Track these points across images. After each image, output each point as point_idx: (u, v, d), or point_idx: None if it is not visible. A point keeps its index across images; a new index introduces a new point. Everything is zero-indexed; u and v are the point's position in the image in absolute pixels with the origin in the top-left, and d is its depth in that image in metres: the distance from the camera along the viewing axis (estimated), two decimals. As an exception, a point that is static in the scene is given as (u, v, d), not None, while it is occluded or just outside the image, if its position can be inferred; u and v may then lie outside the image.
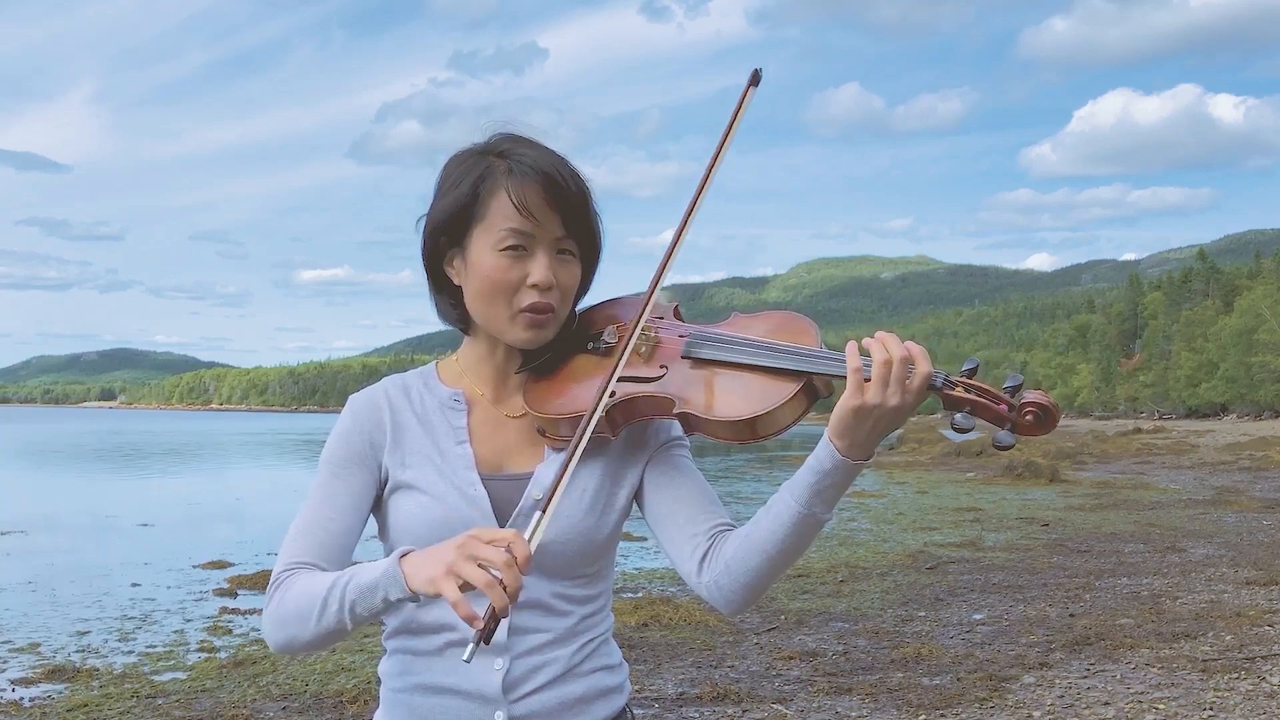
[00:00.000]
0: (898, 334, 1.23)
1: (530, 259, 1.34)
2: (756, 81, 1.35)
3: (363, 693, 5.21)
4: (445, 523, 1.33)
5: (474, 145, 1.40)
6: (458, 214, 1.36)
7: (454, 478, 1.36)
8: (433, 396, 1.43)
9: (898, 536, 11.67)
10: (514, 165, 1.34)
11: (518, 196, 1.32)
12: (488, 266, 1.34)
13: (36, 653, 6.43)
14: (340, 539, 1.36)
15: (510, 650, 1.34)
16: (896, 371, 1.21)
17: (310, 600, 1.27)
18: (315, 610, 1.25)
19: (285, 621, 1.29)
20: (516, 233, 1.32)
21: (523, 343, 1.37)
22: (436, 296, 1.44)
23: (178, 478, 24.91)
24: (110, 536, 12.80)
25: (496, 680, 1.33)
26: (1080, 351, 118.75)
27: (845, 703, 5.09)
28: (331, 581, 1.26)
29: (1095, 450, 31.58)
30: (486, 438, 1.41)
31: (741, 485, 19.65)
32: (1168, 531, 11.80)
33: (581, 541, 1.37)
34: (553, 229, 1.34)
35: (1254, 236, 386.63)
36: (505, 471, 1.39)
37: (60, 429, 68.20)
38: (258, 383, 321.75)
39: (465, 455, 1.38)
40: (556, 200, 1.33)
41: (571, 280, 1.38)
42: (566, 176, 1.35)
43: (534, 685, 1.35)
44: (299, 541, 1.36)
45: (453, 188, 1.37)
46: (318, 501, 1.38)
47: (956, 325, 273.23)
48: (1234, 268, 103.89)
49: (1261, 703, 4.95)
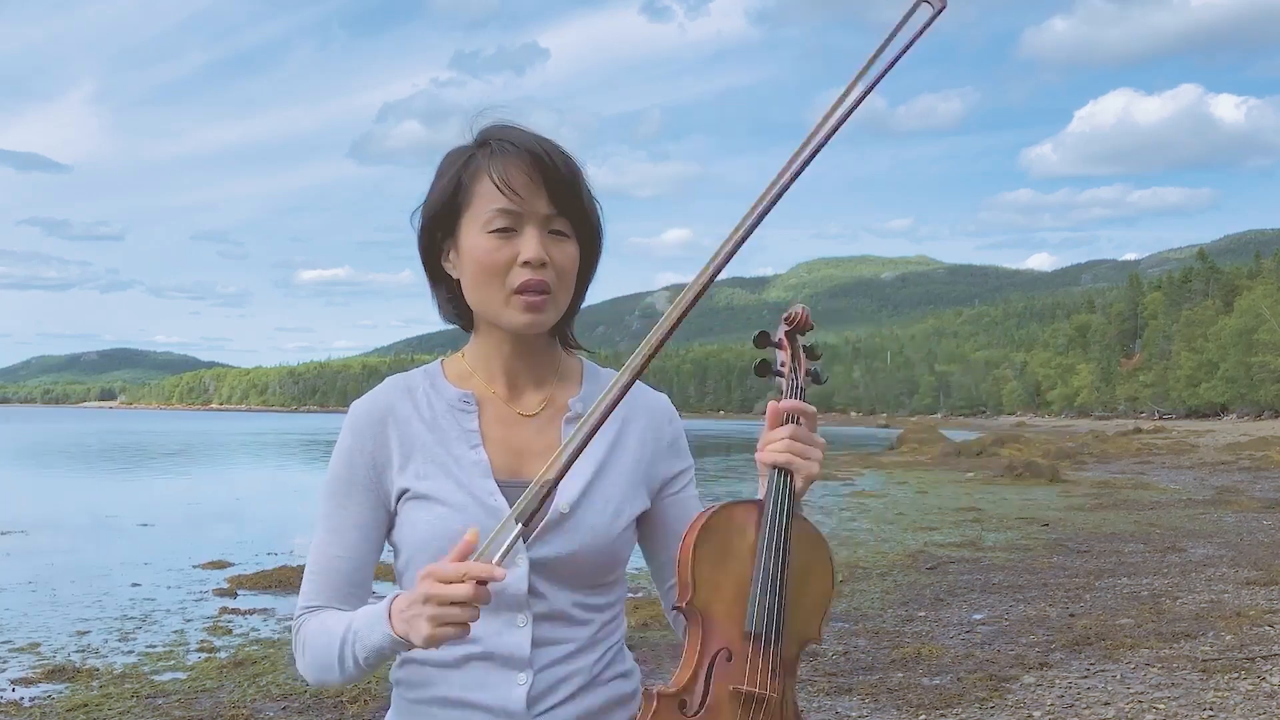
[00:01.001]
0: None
1: (519, 238, 1.30)
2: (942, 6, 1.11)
3: (363, 693, 5.20)
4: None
5: (465, 143, 1.38)
6: (446, 204, 1.34)
7: (471, 487, 1.32)
8: (440, 398, 1.38)
9: (898, 536, 11.68)
10: (496, 147, 1.32)
11: (499, 175, 1.30)
12: (478, 249, 1.31)
13: (36, 653, 6.43)
14: (351, 576, 1.36)
15: (534, 664, 1.31)
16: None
17: (327, 654, 1.29)
18: (334, 665, 1.29)
19: (313, 668, 1.33)
20: (503, 213, 1.30)
21: (521, 326, 1.32)
22: (436, 292, 1.42)
23: (178, 478, 24.91)
24: (110, 536, 12.80)
25: (521, 695, 1.30)
26: (1080, 351, 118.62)
27: (845, 703, 5.09)
28: (341, 638, 1.28)
29: (1095, 450, 31.58)
30: (501, 440, 1.37)
31: (742, 486, 19.63)
32: (1168, 531, 11.80)
33: (607, 553, 1.35)
34: (539, 206, 1.30)
35: (1254, 236, 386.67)
36: (523, 478, 1.33)
37: (60, 429, 68.21)
38: (258, 383, 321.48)
39: (481, 462, 1.34)
40: (541, 176, 1.30)
41: (566, 260, 1.33)
42: (552, 153, 1.32)
43: (559, 698, 1.32)
44: (313, 583, 1.36)
45: (439, 181, 1.36)
46: (325, 537, 1.37)
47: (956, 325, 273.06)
48: (1234, 268, 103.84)
49: (1261, 703, 4.95)
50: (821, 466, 1.30)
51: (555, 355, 1.44)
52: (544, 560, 1.32)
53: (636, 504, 1.40)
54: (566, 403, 1.41)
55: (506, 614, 1.31)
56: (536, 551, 1.32)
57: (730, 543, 1.28)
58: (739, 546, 1.28)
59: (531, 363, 1.40)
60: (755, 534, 1.29)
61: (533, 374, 1.41)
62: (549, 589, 1.32)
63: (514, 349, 1.38)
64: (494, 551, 1.13)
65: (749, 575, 1.27)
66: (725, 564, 1.27)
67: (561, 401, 1.41)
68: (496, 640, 1.31)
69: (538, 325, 1.33)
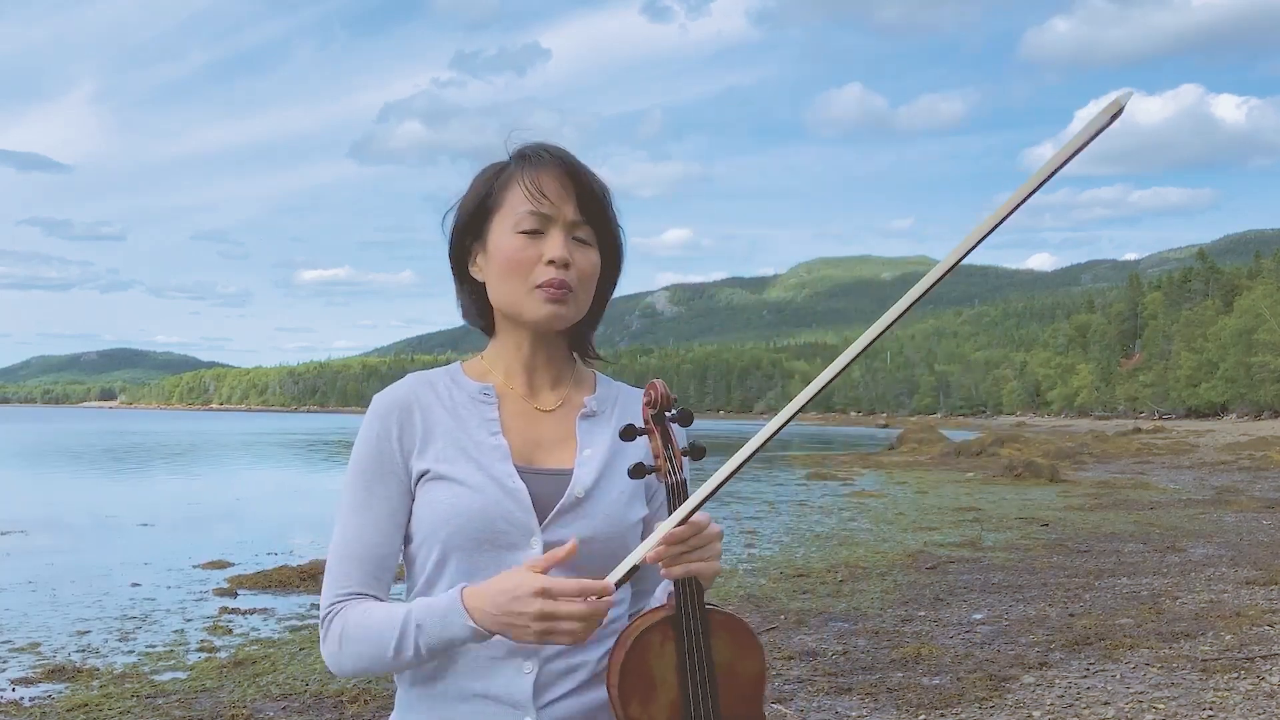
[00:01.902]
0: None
1: (546, 239, 1.36)
2: (1118, 113, 1.08)
3: (363, 693, 5.21)
4: (484, 514, 1.33)
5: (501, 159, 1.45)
6: (477, 209, 1.41)
7: (491, 469, 1.36)
8: (461, 391, 1.43)
9: (898, 536, 11.68)
10: (529, 156, 1.40)
11: (531, 181, 1.37)
12: (506, 248, 1.37)
13: (36, 653, 6.43)
14: (382, 561, 1.37)
15: (540, 654, 1.33)
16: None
17: (379, 644, 1.29)
18: (387, 655, 1.29)
19: (353, 658, 1.32)
20: (533, 215, 1.36)
21: (543, 318, 1.37)
22: (460, 295, 1.47)
23: (178, 478, 24.90)
24: (110, 536, 12.79)
25: (527, 685, 1.32)
26: (1080, 351, 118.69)
27: (845, 703, 5.09)
28: (400, 626, 1.28)
29: (1095, 450, 31.59)
30: (519, 430, 1.41)
31: (741, 485, 19.59)
32: (1167, 531, 11.81)
33: (620, 541, 1.37)
34: (567, 211, 1.37)
35: (1254, 236, 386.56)
36: (538, 465, 1.39)
37: (60, 429, 68.19)
38: (257, 383, 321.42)
39: (501, 447, 1.38)
40: (572, 184, 1.37)
41: (589, 265, 1.39)
42: (582, 168, 1.39)
43: (564, 689, 1.34)
44: (346, 568, 1.36)
45: (472, 189, 1.43)
46: (358, 522, 1.37)
47: (956, 325, 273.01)
48: (1234, 267, 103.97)
49: (1261, 703, 4.95)
50: (719, 555, 1.30)
51: (571, 361, 1.49)
52: (557, 544, 1.32)
53: (638, 505, 1.43)
54: (583, 400, 1.45)
55: None
56: (551, 534, 1.34)
57: (652, 672, 1.29)
58: (662, 671, 1.29)
59: (549, 363, 1.45)
60: (675, 651, 1.29)
61: (550, 374, 1.45)
62: (559, 574, 1.32)
63: (533, 348, 1.43)
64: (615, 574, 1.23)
65: (678, 698, 1.29)
66: (653, 695, 1.28)
67: (577, 400, 1.46)
68: None
69: (559, 318, 1.38)
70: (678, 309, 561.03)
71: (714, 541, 1.28)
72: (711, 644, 1.31)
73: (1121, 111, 1.07)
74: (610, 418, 1.45)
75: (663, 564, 1.26)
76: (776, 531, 12.42)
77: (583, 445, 1.41)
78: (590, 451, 1.40)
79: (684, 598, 1.29)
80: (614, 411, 1.46)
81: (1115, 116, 1.06)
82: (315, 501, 17.71)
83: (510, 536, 1.33)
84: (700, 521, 1.27)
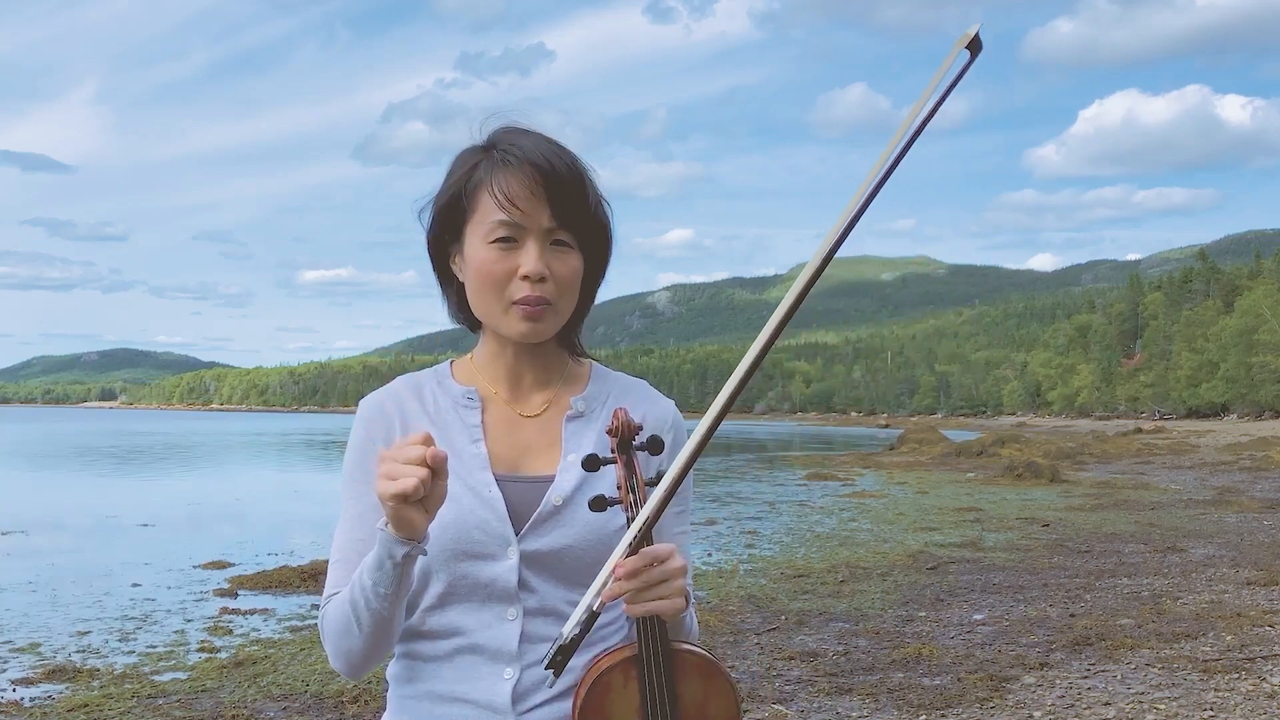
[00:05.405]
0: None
1: (520, 250, 1.30)
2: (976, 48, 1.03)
3: (363, 693, 5.21)
4: (458, 524, 1.30)
5: (476, 143, 1.38)
6: (451, 211, 1.35)
7: (468, 478, 1.33)
8: (446, 395, 1.40)
9: (898, 537, 11.68)
10: (500, 156, 1.32)
11: (500, 188, 1.29)
12: (479, 260, 1.31)
13: (37, 653, 6.43)
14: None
15: (521, 659, 1.31)
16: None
17: (343, 614, 1.28)
18: (350, 616, 1.27)
19: (335, 639, 1.31)
20: (504, 224, 1.29)
21: (519, 336, 1.33)
22: (445, 294, 1.43)
23: (178, 478, 24.90)
24: (110, 536, 12.80)
25: (506, 690, 1.30)
26: (1081, 351, 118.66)
27: (846, 703, 5.09)
28: (350, 583, 1.27)
29: (1095, 450, 31.58)
30: (502, 437, 1.38)
31: (741, 485, 19.61)
32: (1168, 532, 11.80)
33: (600, 549, 1.33)
34: (541, 219, 1.30)
35: (1255, 236, 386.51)
36: (521, 473, 1.36)
37: (61, 429, 68.22)
38: (258, 383, 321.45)
39: (480, 455, 1.35)
40: (544, 189, 1.29)
41: (568, 271, 1.33)
42: (556, 164, 1.31)
43: (545, 696, 1.31)
44: (337, 571, 1.36)
45: (447, 182, 1.37)
46: (348, 526, 1.37)
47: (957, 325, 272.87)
48: (1234, 268, 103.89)
49: (1262, 703, 4.95)
50: (683, 592, 1.24)
51: (561, 360, 1.44)
52: (535, 553, 1.31)
53: (620, 513, 1.38)
54: (569, 401, 1.41)
55: (496, 606, 1.31)
56: (528, 544, 1.32)
57: (612, 713, 1.26)
58: (624, 712, 1.26)
59: (535, 366, 1.41)
60: (638, 692, 1.26)
61: (537, 377, 1.42)
62: (539, 583, 1.32)
63: (517, 353, 1.40)
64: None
65: None
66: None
67: (564, 401, 1.42)
68: (485, 633, 1.31)
69: (536, 334, 1.34)
70: (679, 309, 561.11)
71: (675, 578, 1.21)
72: (679, 685, 1.27)
73: (979, 42, 1.01)
74: (599, 417, 1.40)
75: (624, 601, 1.21)
76: (777, 532, 12.42)
77: (567, 450, 1.37)
78: (575, 457, 1.36)
79: (645, 636, 1.25)
80: (603, 410, 1.41)
81: (973, 50, 1.01)
82: (315, 502, 17.70)
83: (487, 546, 1.31)
84: (660, 553, 1.20)
